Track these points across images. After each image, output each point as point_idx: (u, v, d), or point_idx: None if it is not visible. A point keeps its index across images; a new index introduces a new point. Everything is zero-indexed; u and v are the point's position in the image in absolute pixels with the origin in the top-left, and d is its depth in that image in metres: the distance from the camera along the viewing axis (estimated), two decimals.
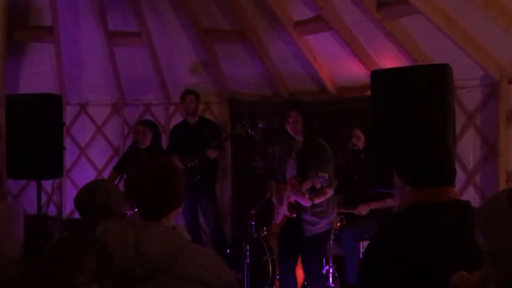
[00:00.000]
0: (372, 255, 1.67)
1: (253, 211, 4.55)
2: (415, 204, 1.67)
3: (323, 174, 3.43)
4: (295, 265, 3.96)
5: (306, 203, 3.64)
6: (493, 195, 1.24)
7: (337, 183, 3.84)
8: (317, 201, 3.66)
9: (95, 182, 2.39)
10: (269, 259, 4.51)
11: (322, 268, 4.04)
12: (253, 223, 4.59)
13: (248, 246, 4.15)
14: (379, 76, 3.56)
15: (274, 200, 4.01)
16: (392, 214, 1.96)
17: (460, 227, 1.57)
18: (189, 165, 4.98)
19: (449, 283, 1.33)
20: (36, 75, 5.95)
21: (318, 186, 3.51)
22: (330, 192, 3.71)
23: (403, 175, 1.76)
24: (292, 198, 3.77)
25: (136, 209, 1.79)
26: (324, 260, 4.18)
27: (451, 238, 1.56)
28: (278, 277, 4.49)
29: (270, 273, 4.49)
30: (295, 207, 3.76)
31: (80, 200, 2.24)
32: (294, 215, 3.81)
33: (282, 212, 3.89)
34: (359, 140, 4.60)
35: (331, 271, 4.33)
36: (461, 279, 1.31)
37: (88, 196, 2.21)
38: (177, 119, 6.16)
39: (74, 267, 1.34)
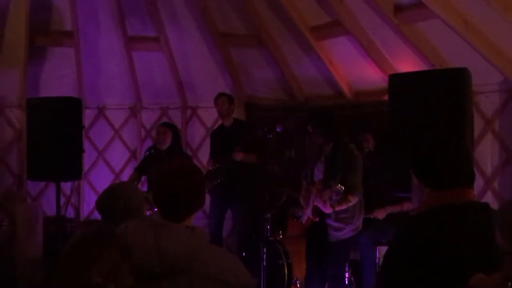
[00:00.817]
0: (393, 259, 1.67)
1: (269, 215, 4.56)
2: (435, 206, 1.67)
3: (339, 186, 3.42)
4: (322, 269, 3.93)
5: (327, 210, 3.63)
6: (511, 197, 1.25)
7: (362, 190, 3.81)
8: (338, 208, 3.64)
9: (116, 186, 2.39)
10: (285, 263, 4.50)
11: (343, 274, 4.00)
12: (268, 226, 4.59)
13: (264, 249, 4.15)
14: (397, 80, 3.55)
15: (301, 200, 4.00)
16: (411, 217, 1.95)
17: (480, 228, 1.56)
18: (210, 168, 4.98)
19: (468, 285, 1.33)
20: (56, 79, 6.05)
21: (334, 198, 3.49)
22: (353, 200, 3.66)
23: (422, 176, 1.76)
24: (316, 203, 3.77)
25: (156, 209, 1.82)
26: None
27: (472, 240, 1.56)
28: (294, 281, 4.49)
29: (286, 277, 4.48)
30: (319, 211, 3.75)
31: (102, 204, 2.25)
32: (317, 219, 3.80)
33: (308, 214, 3.88)
34: (369, 143, 4.61)
35: (347, 275, 4.31)
36: (479, 281, 1.31)
37: (110, 200, 2.22)
38: (194, 123, 6.22)
39: (91, 266, 1.36)
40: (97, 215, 2.43)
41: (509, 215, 1.18)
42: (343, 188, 3.44)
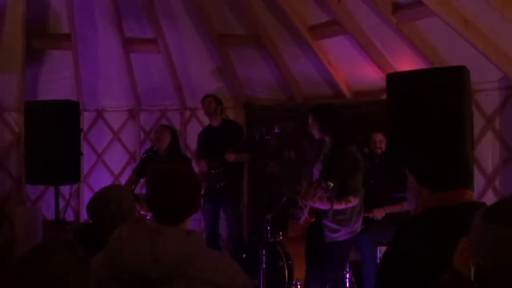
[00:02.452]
0: (391, 260, 1.66)
1: (269, 216, 4.53)
2: (432, 207, 1.67)
3: (327, 183, 3.39)
4: (320, 270, 3.91)
5: (325, 206, 3.58)
6: (480, 210, 1.30)
7: (363, 193, 3.77)
8: (336, 206, 3.60)
9: (107, 188, 2.35)
10: (285, 264, 4.48)
11: (342, 275, 3.98)
12: (268, 228, 4.57)
13: (264, 251, 4.12)
14: (395, 79, 3.52)
15: (300, 201, 3.97)
16: (409, 218, 1.94)
17: None
18: (212, 171, 4.97)
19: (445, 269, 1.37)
20: (54, 82, 6.03)
21: (323, 196, 3.46)
22: (354, 201, 3.62)
23: (420, 177, 1.74)
24: (311, 204, 3.74)
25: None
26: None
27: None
28: (294, 282, 4.46)
29: (287, 279, 4.46)
30: (315, 211, 3.73)
31: (93, 207, 2.21)
32: (313, 219, 3.77)
33: (305, 215, 3.85)
34: (383, 143, 4.59)
35: (348, 276, 4.29)
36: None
37: (101, 203, 2.19)
38: (193, 124, 6.19)
39: (43, 275, 1.34)
40: None
41: (472, 228, 1.25)
42: (331, 185, 3.40)
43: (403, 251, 1.61)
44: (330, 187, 3.39)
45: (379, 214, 4.47)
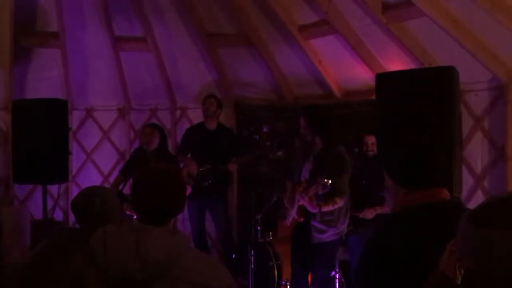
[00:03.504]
0: (368, 256, 1.69)
1: (259, 216, 4.52)
2: (408, 206, 1.69)
3: (325, 180, 3.39)
4: (307, 270, 3.91)
5: (313, 209, 3.59)
6: (467, 211, 1.31)
7: (349, 193, 3.78)
8: (325, 209, 3.60)
9: (91, 188, 2.35)
10: (275, 265, 4.47)
11: (329, 276, 3.98)
12: (258, 228, 4.56)
13: (253, 251, 4.11)
14: (384, 79, 3.52)
15: (285, 201, 3.96)
16: (385, 217, 1.98)
17: (452, 227, 1.56)
18: (200, 169, 4.93)
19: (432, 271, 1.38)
20: (43, 80, 5.98)
21: (320, 192, 3.46)
22: (340, 202, 3.64)
23: (396, 177, 1.77)
24: (302, 202, 3.73)
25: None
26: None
27: (442, 238, 1.56)
28: (283, 282, 4.45)
29: (276, 279, 4.45)
30: (304, 211, 3.72)
31: (77, 206, 2.20)
32: (302, 219, 3.77)
33: (292, 215, 3.85)
34: (375, 145, 4.59)
35: (337, 276, 4.29)
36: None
37: (85, 202, 2.18)
38: (183, 124, 6.16)
39: (55, 275, 1.32)
40: None
41: (458, 229, 1.25)
42: (330, 182, 3.41)
43: (379, 249, 1.64)
44: (328, 185, 3.40)
45: (369, 214, 4.47)
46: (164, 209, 1.71)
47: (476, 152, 4.53)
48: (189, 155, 5.15)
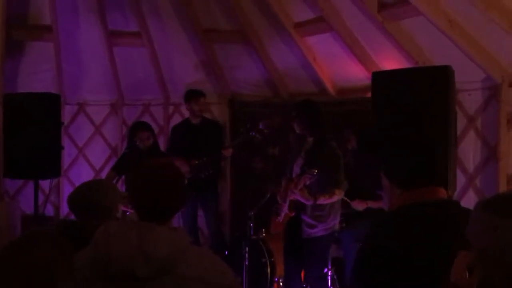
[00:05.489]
0: (364, 255, 1.67)
1: (252, 213, 4.52)
2: (403, 205, 1.68)
3: (312, 170, 3.42)
4: (300, 267, 3.92)
5: (307, 201, 3.60)
6: (479, 201, 1.29)
7: (347, 186, 3.80)
8: (321, 201, 3.62)
9: (90, 182, 2.32)
10: (268, 261, 4.48)
11: (322, 271, 3.99)
12: (252, 224, 4.56)
13: (247, 248, 4.11)
14: (380, 78, 3.54)
15: (278, 197, 3.97)
16: (381, 216, 1.97)
17: (449, 226, 1.56)
18: (197, 162, 4.92)
19: (442, 282, 1.34)
20: (35, 74, 5.92)
21: (307, 182, 3.49)
22: (339, 195, 3.67)
23: (391, 177, 1.76)
24: (293, 196, 3.75)
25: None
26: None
27: (438, 237, 1.56)
28: (276, 279, 4.46)
29: (269, 275, 4.46)
30: (296, 206, 3.74)
31: (75, 200, 2.16)
32: (293, 214, 3.79)
33: (285, 210, 3.86)
34: (353, 142, 4.62)
35: (330, 273, 4.30)
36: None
37: (84, 196, 2.14)
38: (176, 119, 6.13)
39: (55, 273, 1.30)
40: None
41: (471, 219, 1.25)
42: (315, 171, 3.44)
43: (375, 248, 1.62)
44: (314, 173, 3.42)
45: (360, 205, 4.45)
46: (166, 206, 1.70)
47: (469, 151, 4.56)
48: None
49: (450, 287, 1.29)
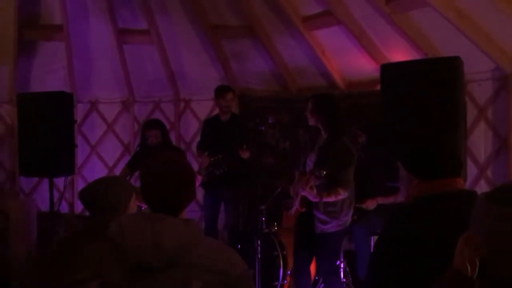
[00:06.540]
0: (383, 247, 1.68)
1: (264, 207, 4.55)
2: (422, 196, 1.69)
3: (320, 171, 3.40)
4: (309, 261, 3.94)
5: (314, 198, 3.61)
6: (483, 193, 1.33)
7: (354, 185, 3.79)
8: (326, 199, 3.62)
9: (104, 178, 2.33)
10: (280, 255, 4.51)
11: (334, 266, 4.00)
12: (263, 218, 4.59)
13: (259, 241, 4.15)
14: (389, 70, 3.53)
15: (291, 190, 3.97)
16: (400, 206, 1.97)
17: (467, 216, 1.58)
18: (212, 159, 4.90)
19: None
20: (47, 73, 6.00)
21: (315, 183, 3.48)
22: (343, 193, 3.63)
23: (410, 168, 1.77)
24: (303, 193, 3.75)
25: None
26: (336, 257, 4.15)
27: (458, 227, 1.57)
28: (289, 272, 4.50)
29: (282, 269, 4.49)
30: (307, 201, 3.74)
31: (87, 196, 2.18)
32: (304, 210, 3.79)
33: (296, 205, 3.87)
34: (362, 137, 4.63)
35: (342, 266, 4.33)
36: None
37: (96, 192, 2.16)
38: (187, 116, 6.19)
39: (75, 263, 1.34)
40: None
41: (474, 209, 1.26)
42: (324, 173, 3.41)
43: (393, 239, 1.64)
44: (323, 175, 3.41)
45: (371, 204, 4.48)
46: (176, 199, 1.74)
47: (480, 142, 4.55)
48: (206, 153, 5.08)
49: (453, 272, 1.32)
